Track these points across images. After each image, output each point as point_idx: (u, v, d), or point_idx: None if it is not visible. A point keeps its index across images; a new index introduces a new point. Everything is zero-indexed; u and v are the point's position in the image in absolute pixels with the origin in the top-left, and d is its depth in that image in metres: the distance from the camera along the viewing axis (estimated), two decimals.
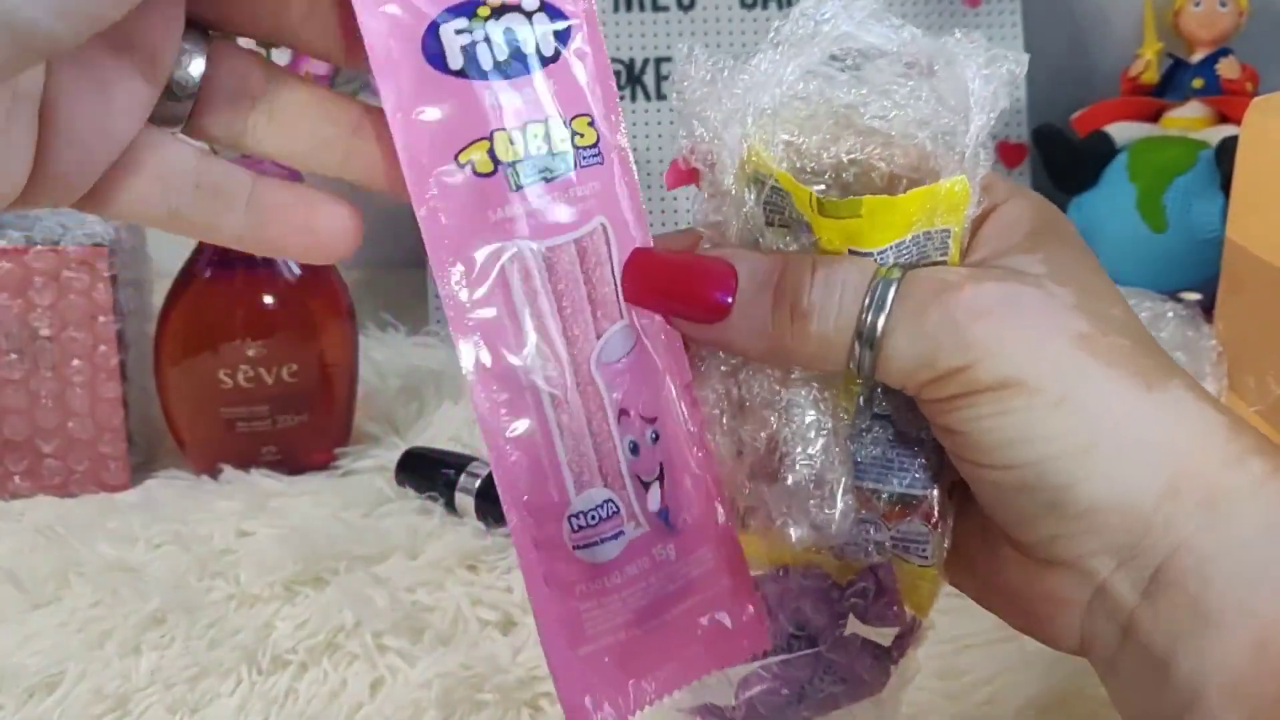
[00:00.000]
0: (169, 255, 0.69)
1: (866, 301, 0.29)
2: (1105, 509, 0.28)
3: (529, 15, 0.29)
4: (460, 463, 0.62)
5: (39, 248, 0.62)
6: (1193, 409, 0.29)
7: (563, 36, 0.30)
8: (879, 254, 0.30)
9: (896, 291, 0.29)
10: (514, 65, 0.29)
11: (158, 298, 0.67)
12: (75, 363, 0.64)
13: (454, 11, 0.28)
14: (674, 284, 0.31)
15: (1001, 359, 0.28)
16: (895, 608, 0.33)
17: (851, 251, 0.30)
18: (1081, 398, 0.28)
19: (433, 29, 0.28)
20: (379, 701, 0.49)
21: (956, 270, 0.30)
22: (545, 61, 0.29)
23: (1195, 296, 0.78)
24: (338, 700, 0.49)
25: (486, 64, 0.29)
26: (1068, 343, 0.29)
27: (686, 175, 0.33)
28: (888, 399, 0.31)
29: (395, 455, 0.65)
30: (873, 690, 0.33)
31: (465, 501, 0.61)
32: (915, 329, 0.29)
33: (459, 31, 0.28)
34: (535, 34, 0.29)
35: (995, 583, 0.32)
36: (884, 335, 0.29)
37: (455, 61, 0.28)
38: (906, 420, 0.31)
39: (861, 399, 0.31)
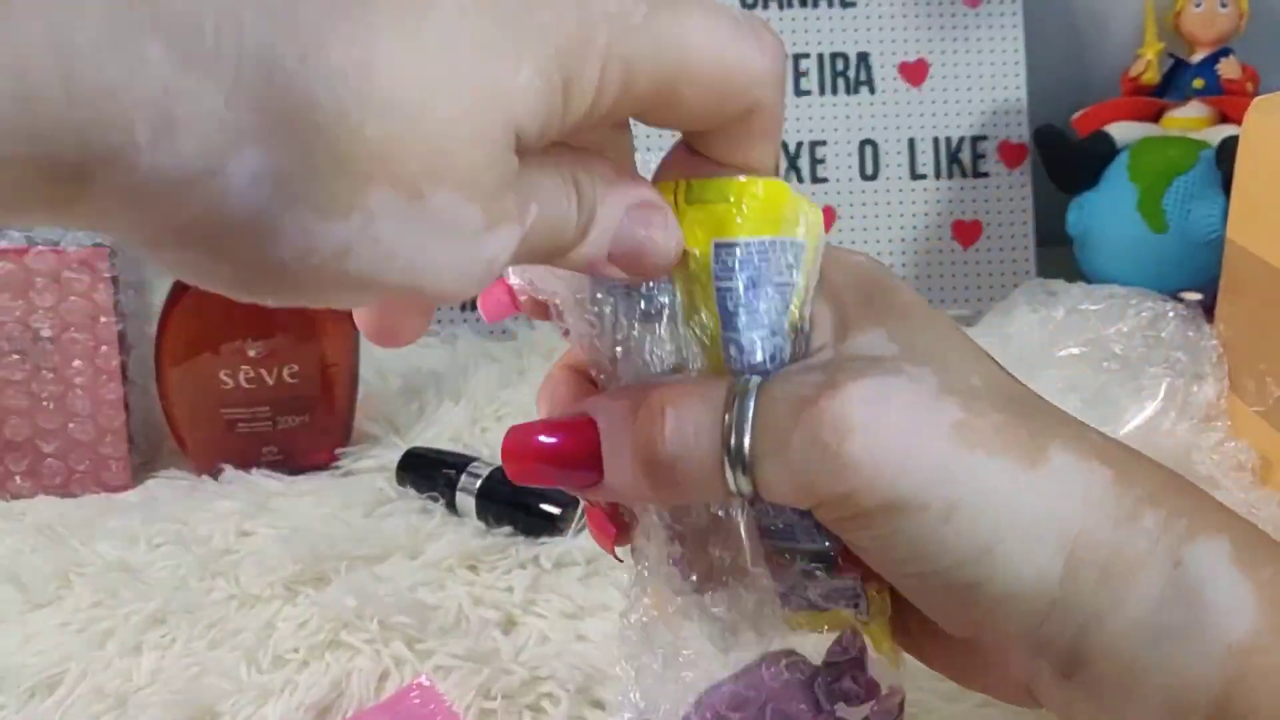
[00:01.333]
0: None
1: (727, 423, 0.28)
2: (1014, 599, 0.28)
3: None
4: (461, 463, 0.62)
5: (39, 248, 0.62)
6: (1077, 473, 0.28)
7: None
8: (743, 245, 0.29)
9: (755, 409, 0.28)
10: None
11: (158, 298, 0.67)
12: (76, 364, 0.64)
13: None
14: (546, 459, 0.30)
15: (880, 481, 0.27)
16: (868, 676, 0.32)
17: (716, 245, 0.29)
18: (969, 503, 0.27)
19: None
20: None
21: (810, 376, 0.28)
22: None
23: (1196, 296, 0.78)
24: (341, 698, 0.49)
25: None
26: (944, 440, 0.27)
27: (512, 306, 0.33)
28: None
29: (396, 455, 0.65)
30: None
31: (466, 501, 0.61)
32: (782, 457, 0.27)
33: None
34: None
35: (937, 654, 0.33)
36: (753, 462, 0.28)
37: None
38: None
39: None
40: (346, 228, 0.21)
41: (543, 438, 0.30)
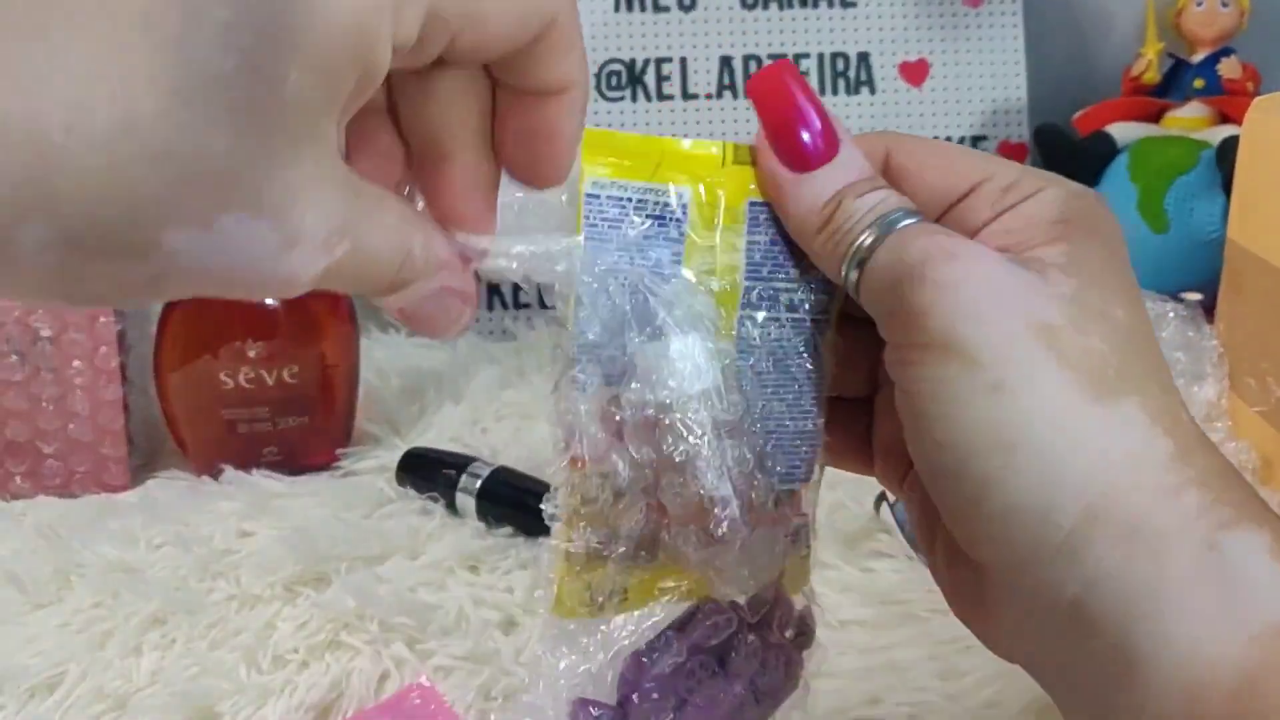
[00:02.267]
0: None
1: (879, 216, 0.31)
2: (1020, 517, 0.28)
3: None
4: (461, 463, 0.62)
5: None
6: (1138, 430, 0.28)
7: None
8: (760, 206, 0.33)
9: (910, 225, 0.30)
10: None
11: None
12: (76, 364, 0.64)
13: None
14: (806, 116, 0.32)
15: (955, 318, 0.28)
16: (791, 614, 0.35)
17: (750, 204, 0.33)
18: (1018, 389, 0.28)
19: None
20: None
21: (967, 239, 0.30)
22: None
23: (1197, 297, 0.77)
24: (341, 699, 0.49)
25: None
26: (1027, 329, 0.28)
27: None
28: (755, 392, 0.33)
29: (396, 456, 0.65)
30: (788, 687, 0.35)
31: (466, 502, 0.61)
32: (898, 249, 0.30)
33: None
34: None
35: (950, 575, 0.32)
36: (875, 248, 0.30)
37: None
38: (778, 411, 0.33)
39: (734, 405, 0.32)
40: (148, 267, 0.22)
41: (803, 100, 0.32)
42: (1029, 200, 0.31)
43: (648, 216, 0.32)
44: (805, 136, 0.32)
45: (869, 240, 0.30)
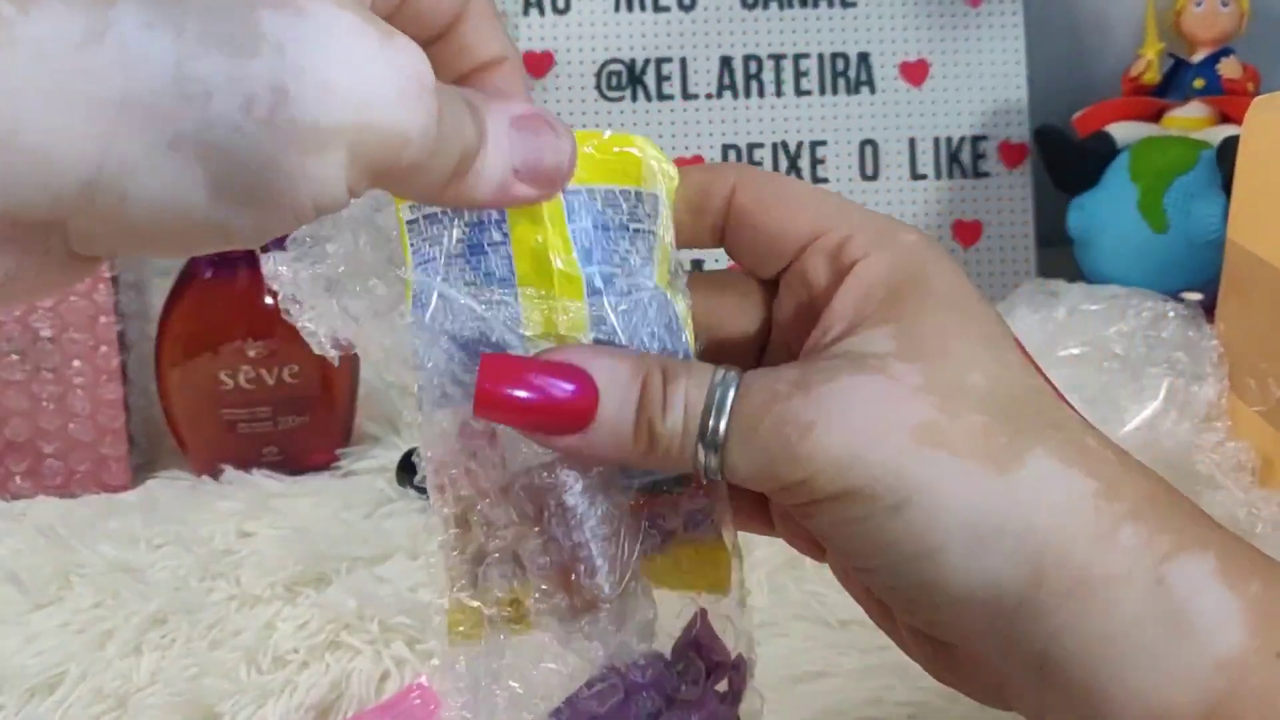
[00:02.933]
0: None
1: (706, 405, 0.29)
2: (969, 603, 0.28)
3: None
4: None
5: None
6: (1056, 482, 0.27)
7: None
8: (573, 193, 0.31)
9: (735, 395, 0.29)
10: None
11: (158, 298, 0.67)
12: (76, 364, 0.64)
13: None
14: (535, 410, 0.29)
15: (834, 471, 0.27)
16: (713, 656, 0.33)
17: (565, 192, 0.30)
18: (922, 499, 0.27)
19: None
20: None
21: (789, 373, 0.29)
22: None
23: (1197, 296, 0.77)
24: (341, 699, 0.49)
25: None
26: (907, 438, 0.27)
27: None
28: None
29: (396, 456, 0.65)
30: None
31: None
32: (749, 444, 0.28)
33: None
34: None
35: (916, 645, 0.32)
36: (724, 444, 0.29)
37: None
38: None
39: None
40: (265, 64, 0.21)
41: (529, 392, 0.29)
42: (858, 267, 0.30)
43: (466, 225, 0.31)
44: (558, 412, 0.29)
45: (709, 439, 0.29)
